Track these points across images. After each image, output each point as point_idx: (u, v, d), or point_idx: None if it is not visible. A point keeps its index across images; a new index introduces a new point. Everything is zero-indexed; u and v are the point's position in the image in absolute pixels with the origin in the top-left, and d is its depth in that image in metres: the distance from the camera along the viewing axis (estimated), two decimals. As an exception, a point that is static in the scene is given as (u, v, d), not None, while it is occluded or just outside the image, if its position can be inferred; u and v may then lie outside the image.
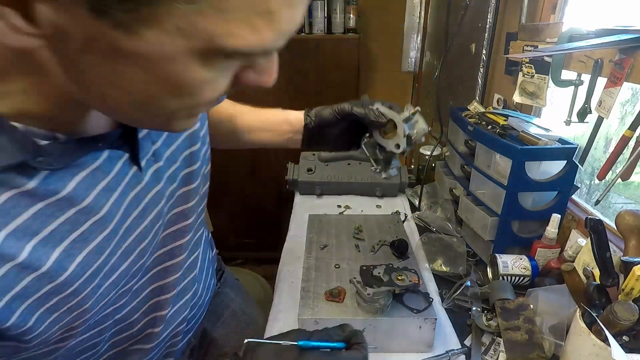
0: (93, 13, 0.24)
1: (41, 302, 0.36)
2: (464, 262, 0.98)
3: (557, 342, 0.71)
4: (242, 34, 0.27)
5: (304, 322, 0.71)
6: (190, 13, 0.25)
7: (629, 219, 0.66)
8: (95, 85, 0.30)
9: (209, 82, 0.31)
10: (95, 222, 0.39)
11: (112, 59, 0.28)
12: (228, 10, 0.26)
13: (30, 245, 0.34)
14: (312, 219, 1.08)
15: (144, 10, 0.24)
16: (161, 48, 0.27)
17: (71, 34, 0.26)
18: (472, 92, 1.40)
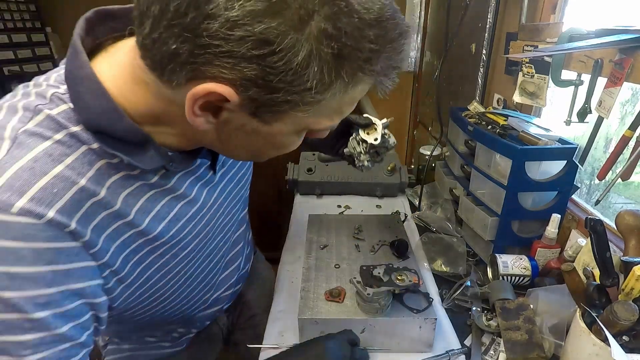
0: (251, 115, 0.41)
1: (146, 256, 0.53)
2: (464, 262, 0.98)
3: (557, 342, 0.71)
4: (325, 122, 0.46)
5: (304, 322, 0.71)
6: (302, 116, 0.42)
7: (629, 219, 0.66)
8: (232, 145, 0.50)
9: (297, 142, 0.51)
10: (186, 203, 0.57)
11: (250, 135, 0.45)
12: (322, 114, 0.44)
13: (148, 218, 0.51)
14: (312, 219, 1.08)
15: (279, 114, 0.41)
16: (279, 131, 0.45)
17: (233, 123, 0.43)
18: (472, 92, 1.40)
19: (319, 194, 1.37)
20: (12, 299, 0.38)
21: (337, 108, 0.45)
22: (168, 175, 0.53)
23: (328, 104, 0.42)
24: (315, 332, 0.72)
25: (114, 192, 0.45)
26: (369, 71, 0.40)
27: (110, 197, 0.45)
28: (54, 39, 2.24)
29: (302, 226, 1.13)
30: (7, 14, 1.97)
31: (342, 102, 0.44)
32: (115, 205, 0.46)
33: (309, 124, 0.45)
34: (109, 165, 0.45)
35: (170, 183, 0.54)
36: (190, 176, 0.57)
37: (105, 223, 0.45)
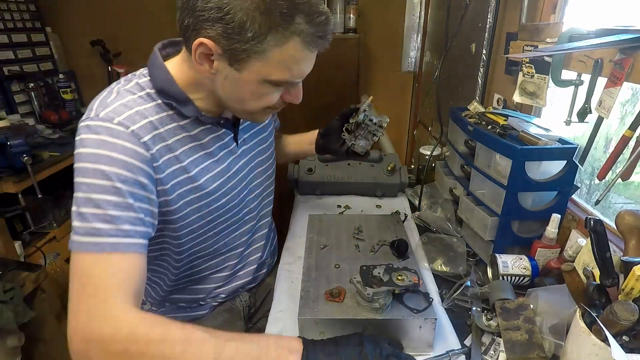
0: (229, 65, 0.64)
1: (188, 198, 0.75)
2: (464, 262, 0.98)
3: (557, 342, 0.71)
4: (277, 73, 0.66)
5: (304, 322, 0.71)
6: (259, 65, 0.63)
7: (629, 219, 0.66)
8: (225, 93, 0.70)
9: (268, 94, 0.70)
10: (215, 160, 0.79)
11: (233, 83, 0.67)
12: (271, 64, 0.64)
13: (187, 161, 0.73)
14: (312, 219, 1.08)
15: (243, 62, 0.63)
16: (249, 78, 0.65)
17: (222, 73, 0.66)
18: (472, 92, 1.40)
19: (319, 194, 1.37)
20: (107, 171, 0.61)
21: (282, 61, 0.64)
22: (204, 133, 0.77)
23: (273, 55, 0.63)
24: (315, 332, 0.72)
25: (169, 133, 0.71)
26: (295, 29, 0.61)
27: (166, 135, 0.70)
28: (54, 39, 2.24)
29: (302, 226, 1.13)
30: (7, 14, 1.97)
31: (285, 56, 0.63)
32: (169, 141, 0.70)
33: (266, 74, 0.65)
34: (168, 116, 0.71)
35: (205, 139, 0.77)
36: (218, 141, 0.80)
37: (163, 152, 0.69)
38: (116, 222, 0.60)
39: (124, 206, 0.61)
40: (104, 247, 0.59)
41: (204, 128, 0.76)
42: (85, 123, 0.63)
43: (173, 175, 0.71)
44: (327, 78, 2.08)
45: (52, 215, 1.70)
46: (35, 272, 1.34)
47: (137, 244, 0.62)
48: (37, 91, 1.99)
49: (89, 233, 0.59)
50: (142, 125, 0.66)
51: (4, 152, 1.39)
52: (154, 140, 0.67)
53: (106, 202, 0.60)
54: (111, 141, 0.62)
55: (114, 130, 0.62)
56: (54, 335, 1.44)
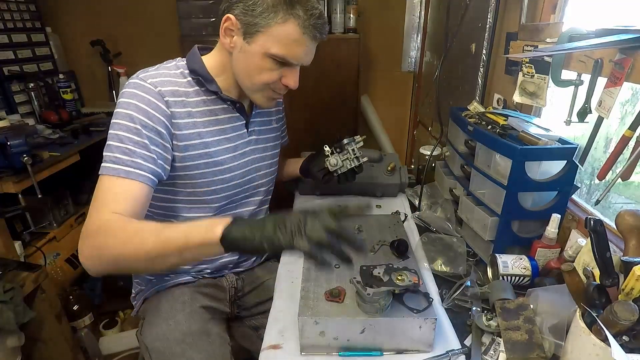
0: (243, 38, 0.82)
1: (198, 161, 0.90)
2: (464, 262, 0.98)
3: (557, 342, 0.71)
4: (276, 48, 0.81)
5: (304, 322, 0.71)
6: (264, 39, 0.81)
7: (629, 219, 0.66)
8: (238, 66, 0.87)
9: (269, 69, 0.84)
10: (226, 138, 0.94)
11: (244, 54, 0.84)
12: (274, 40, 0.80)
13: (202, 128, 0.90)
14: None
15: (254, 36, 0.81)
16: (256, 51, 0.82)
17: (237, 46, 0.84)
18: (472, 92, 1.40)
19: (318, 194, 1.37)
20: (133, 116, 0.79)
21: (282, 37, 0.79)
22: (222, 111, 0.93)
23: (274, 30, 0.79)
24: (315, 332, 0.72)
25: (192, 103, 0.88)
26: (294, 13, 0.78)
27: (188, 103, 0.87)
28: (54, 39, 2.24)
29: (302, 226, 1.13)
30: (7, 14, 1.96)
31: (284, 34, 0.79)
32: (190, 108, 0.87)
33: (268, 47, 0.80)
34: (195, 91, 0.89)
35: (222, 116, 0.93)
36: (232, 122, 0.95)
37: (183, 115, 0.86)
38: (132, 156, 0.77)
39: (141, 145, 0.78)
40: (119, 172, 0.76)
41: (222, 107, 0.93)
42: (129, 81, 0.83)
43: (189, 136, 0.87)
44: (327, 78, 2.08)
45: (52, 215, 1.70)
46: (35, 272, 1.34)
47: (145, 176, 0.78)
48: (37, 91, 1.99)
49: (112, 160, 0.77)
50: (169, 90, 0.84)
51: (4, 152, 1.38)
52: (176, 103, 0.85)
53: (128, 138, 0.78)
54: (141, 94, 0.80)
55: (145, 87, 0.81)
56: (54, 335, 1.44)
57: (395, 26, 2.36)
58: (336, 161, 0.96)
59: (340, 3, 2.01)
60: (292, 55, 0.82)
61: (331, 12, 2.06)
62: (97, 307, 1.89)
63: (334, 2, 2.02)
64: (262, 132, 1.04)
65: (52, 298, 1.42)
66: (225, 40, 0.83)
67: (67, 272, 1.74)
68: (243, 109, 0.96)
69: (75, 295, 1.71)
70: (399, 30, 2.37)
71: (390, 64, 2.45)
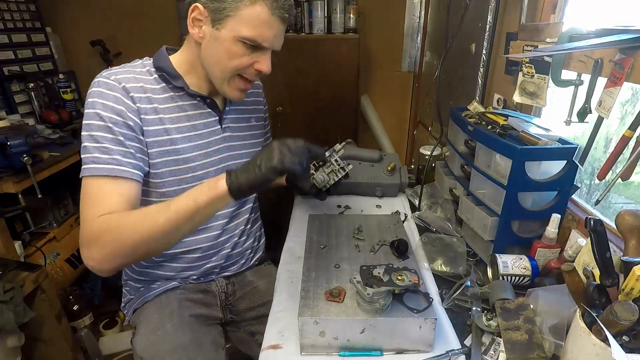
0: (211, 26, 0.80)
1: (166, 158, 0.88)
2: (464, 262, 0.98)
3: (557, 342, 0.71)
4: (246, 31, 0.79)
5: (304, 322, 0.71)
6: (232, 24, 0.79)
7: (629, 219, 0.66)
8: (207, 56, 0.84)
9: (240, 54, 0.82)
10: (197, 135, 0.92)
11: (213, 43, 0.82)
12: (242, 23, 0.78)
13: (170, 124, 0.87)
14: (312, 219, 1.08)
15: (222, 22, 0.79)
16: (225, 36, 0.80)
17: (206, 35, 0.82)
18: (472, 92, 1.40)
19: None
20: (102, 115, 0.78)
21: (251, 19, 0.78)
22: (191, 107, 0.91)
23: (244, 13, 0.77)
24: (315, 332, 0.72)
25: (158, 100, 0.86)
26: None
27: (154, 100, 0.85)
28: (54, 39, 2.24)
29: (302, 226, 1.13)
30: (7, 14, 1.96)
31: (253, 15, 0.77)
32: (156, 105, 0.85)
33: (238, 31, 0.78)
34: (162, 87, 0.87)
35: (192, 112, 0.91)
36: (204, 118, 0.93)
37: (149, 111, 0.84)
38: (111, 153, 0.78)
39: (116, 142, 0.79)
40: (101, 171, 0.77)
41: (192, 102, 0.91)
42: (94, 80, 0.81)
43: (155, 132, 0.85)
44: (327, 78, 2.08)
45: (52, 215, 1.70)
46: (35, 272, 1.34)
47: (129, 171, 0.79)
48: (37, 91, 1.99)
49: (91, 161, 0.77)
50: (134, 86, 0.83)
51: (4, 152, 1.39)
52: (142, 99, 0.83)
53: (102, 137, 0.78)
54: (106, 92, 0.79)
55: (109, 84, 0.80)
56: (54, 335, 1.44)
57: (395, 26, 2.36)
58: (322, 177, 0.93)
59: (340, 3, 2.01)
60: (263, 37, 0.80)
61: (331, 12, 2.06)
62: (97, 307, 1.89)
63: (334, 2, 2.02)
64: (238, 129, 1.01)
65: (52, 298, 1.42)
66: (194, 31, 0.82)
67: (67, 272, 1.74)
68: (215, 105, 0.94)
69: (75, 295, 1.72)
70: (399, 30, 2.37)
71: (390, 64, 2.46)
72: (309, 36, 2.06)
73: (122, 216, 0.75)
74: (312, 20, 2.05)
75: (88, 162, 0.77)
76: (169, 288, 1.01)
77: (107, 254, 0.73)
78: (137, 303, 1.01)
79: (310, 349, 0.74)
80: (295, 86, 2.07)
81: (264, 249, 1.20)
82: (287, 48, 0.93)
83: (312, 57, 2.03)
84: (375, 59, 2.44)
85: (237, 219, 1.06)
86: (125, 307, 1.05)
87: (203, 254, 1.00)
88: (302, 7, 2.05)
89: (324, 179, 0.93)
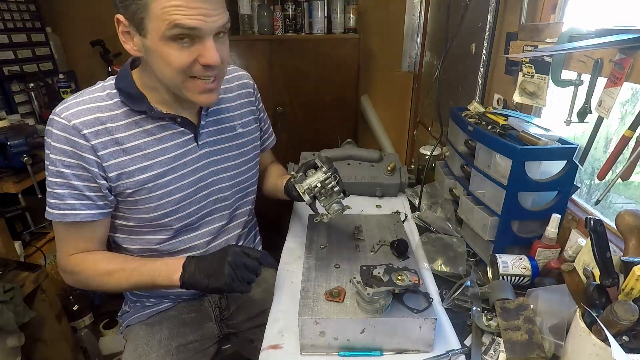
0: (139, 34, 0.71)
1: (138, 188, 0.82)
2: (464, 262, 0.98)
3: (557, 342, 0.71)
4: (164, 28, 0.67)
5: (304, 322, 0.71)
6: (151, 25, 0.68)
7: (629, 219, 0.66)
8: (156, 70, 0.75)
9: (175, 54, 0.70)
10: (170, 158, 0.84)
11: (148, 53, 0.73)
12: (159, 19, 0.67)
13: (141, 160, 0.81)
14: (312, 218, 1.08)
15: (141, 24, 0.69)
16: (153, 41, 0.70)
17: (141, 46, 0.73)
18: (472, 92, 1.40)
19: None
20: (52, 158, 0.75)
21: (164, 11, 0.66)
22: (160, 129, 0.83)
23: (154, 7, 0.66)
24: (315, 332, 0.72)
25: (119, 128, 0.78)
26: None
27: (113, 130, 0.78)
28: (54, 39, 2.24)
29: (302, 226, 1.13)
30: (7, 14, 1.96)
31: (163, 5, 0.66)
32: (116, 135, 0.78)
33: (158, 29, 0.68)
34: (124, 112, 0.79)
35: (161, 134, 0.83)
36: (176, 138, 0.85)
37: (108, 144, 0.77)
38: (62, 198, 0.77)
39: (68, 186, 0.77)
40: (55, 216, 0.78)
41: (160, 124, 0.83)
42: (49, 116, 0.77)
43: (119, 165, 0.79)
44: (327, 78, 2.08)
45: (52, 215, 1.69)
46: (35, 272, 1.34)
47: (83, 213, 0.78)
48: (37, 91, 1.99)
49: (49, 205, 0.79)
50: (86, 120, 0.75)
51: (4, 152, 1.39)
52: (97, 134, 0.76)
53: (53, 183, 0.77)
54: (56, 133, 0.75)
55: (60, 123, 0.75)
56: (54, 335, 1.44)
57: (395, 26, 2.36)
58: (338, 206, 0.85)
59: (340, 3, 2.01)
60: (187, 24, 0.67)
61: (331, 12, 2.06)
62: (97, 307, 1.89)
63: (334, 2, 2.02)
64: (220, 141, 0.92)
65: (52, 298, 1.42)
66: (128, 46, 0.73)
67: (67, 272, 1.74)
68: (187, 122, 0.85)
69: (75, 295, 1.71)
70: (399, 30, 2.37)
71: (390, 64, 2.46)
72: (309, 36, 2.06)
73: (89, 270, 0.83)
74: (312, 20, 2.05)
75: (47, 206, 0.79)
76: (162, 310, 1.00)
77: (78, 285, 0.88)
78: (131, 320, 1.00)
79: (310, 349, 0.74)
80: (295, 86, 2.07)
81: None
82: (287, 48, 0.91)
83: (312, 57, 2.03)
84: (375, 59, 2.44)
85: (228, 234, 1.00)
86: (122, 317, 1.04)
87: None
88: (302, 7, 2.05)
89: (338, 208, 0.85)
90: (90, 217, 0.79)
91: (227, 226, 1.00)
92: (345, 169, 1.36)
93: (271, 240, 1.25)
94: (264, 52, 2.02)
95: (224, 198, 0.96)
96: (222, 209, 0.96)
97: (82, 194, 0.77)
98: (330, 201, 0.86)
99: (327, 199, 0.86)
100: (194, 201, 0.89)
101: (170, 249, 0.92)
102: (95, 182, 0.77)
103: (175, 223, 0.89)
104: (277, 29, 2.04)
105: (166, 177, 0.84)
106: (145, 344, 0.93)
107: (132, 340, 0.95)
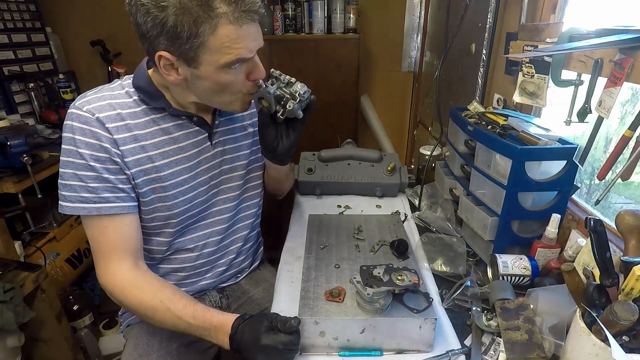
0: (188, 66, 0.73)
1: (153, 185, 0.83)
2: (464, 262, 0.98)
3: (557, 342, 0.71)
4: (224, 58, 0.71)
5: (304, 322, 0.71)
6: (207, 57, 0.71)
7: (629, 219, 0.66)
8: (200, 93, 0.79)
9: (230, 79, 0.75)
10: (186, 157, 0.86)
11: (200, 80, 0.75)
12: (215, 51, 0.71)
13: (155, 151, 0.82)
14: (312, 219, 1.08)
15: (196, 59, 0.71)
16: (208, 71, 0.73)
17: (188, 75, 0.75)
18: (472, 92, 1.40)
19: (319, 194, 1.37)
20: (82, 153, 0.75)
21: (222, 45, 0.69)
22: (176, 128, 0.85)
23: (211, 43, 0.69)
24: (315, 332, 0.72)
25: (138, 125, 0.80)
26: (217, 13, 0.67)
27: (133, 126, 0.79)
28: (54, 39, 2.24)
29: (302, 226, 1.13)
30: (7, 14, 1.96)
31: (222, 40, 0.69)
32: (135, 132, 0.79)
33: (215, 61, 0.71)
34: (142, 110, 0.81)
35: (177, 133, 0.85)
36: (191, 137, 0.87)
37: (127, 140, 0.78)
38: (97, 192, 0.77)
39: (101, 179, 0.77)
40: (90, 210, 0.77)
41: (176, 123, 0.85)
42: (68, 110, 0.77)
43: (137, 162, 0.80)
44: (327, 78, 2.08)
45: (52, 215, 1.70)
46: (35, 272, 1.34)
47: (119, 206, 0.79)
48: (37, 91, 1.99)
49: (78, 200, 0.76)
50: (109, 115, 0.77)
51: (4, 152, 1.39)
52: (118, 129, 0.78)
53: (86, 176, 0.76)
54: (80, 127, 0.75)
55: (83, 116, 0.75)
56: (54, 335, 1.44)
57: (395, 26, 2.36)
58: (293, 105, 0.86)
59: (340, 3, 2.01)
60: (242, 52, 0.72)
61: (331, 12, 2.06)
62: (97, 307, 1.89)
63: (334, 2, 2.02)
64: (231, 140, 0.95)
65: (52, 298, 1.42)
66: (171, 78, 0.75)
67: (67, 272, 1.74)
68: (202, 121, 0.87)
69: (75, 295, 1.71)
70: (399, 30, 2.37)
71: (390, 64, 2.46)
72: (309, 36, 2.06)
73: (134, 299, 0.79)
74: (312, 20, 2.05)
75: (75, 201, 0.76)
76: None
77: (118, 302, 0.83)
78: (132, 319, 1.00)
79: (310, 349, 0.74)
80: (295, 86, 2.07)
81: (261, 257, 1.18)
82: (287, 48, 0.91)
83: (312, 57, 2.03)
84: (375, 59, 2.44)
85: (234, 235, 1.02)
86: (122, 316, 1.04)
87: (195, 271, 0.98)
88: (302, 7, 2.05)
89: (294, 107, 0.87)
90: (126, 209, 0.79)
91: (232, 228, 1.00)
92: (345, 169, 1.36)
93: (271, 240, 1.25)
94: (264, 52, 2.02)
95: (229, 199, 0.97)
96: (226, 210, 0.97)
97: (115, 186, 0.78)
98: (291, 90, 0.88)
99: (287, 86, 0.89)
100: (203, 200, 0.91)
101: (169, 249, 0.92)
102: (124, 173, 0.79)
103: (184, 222, 0.89)
104: (277, 29, 2.04)
105: (182, 177, 0.85)
106: (145, 343, 0.93)
107: (133, 340, 0.95)
